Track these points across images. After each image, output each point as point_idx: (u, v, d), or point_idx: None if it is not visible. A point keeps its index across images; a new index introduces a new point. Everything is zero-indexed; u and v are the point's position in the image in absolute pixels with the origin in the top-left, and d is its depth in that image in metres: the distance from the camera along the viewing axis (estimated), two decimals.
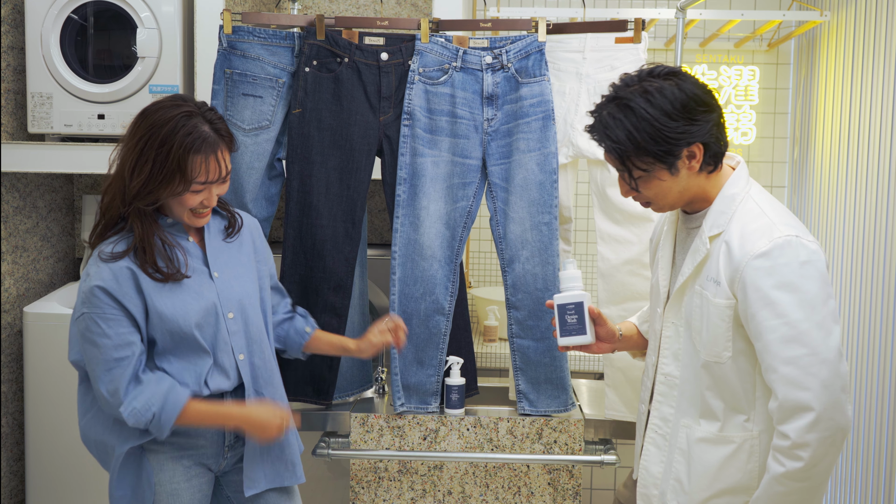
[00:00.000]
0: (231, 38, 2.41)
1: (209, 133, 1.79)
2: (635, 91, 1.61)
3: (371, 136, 2.45)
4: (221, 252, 1.93)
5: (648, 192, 1.67)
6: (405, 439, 2.44)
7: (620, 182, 1.70)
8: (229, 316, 1.88)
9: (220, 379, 1.87)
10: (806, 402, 1.50)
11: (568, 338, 1.82)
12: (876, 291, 2.74)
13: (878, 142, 2.77)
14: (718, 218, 1.64)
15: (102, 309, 1.76)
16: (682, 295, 1.71)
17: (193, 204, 1.82)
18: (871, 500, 2.72)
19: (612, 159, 1.66)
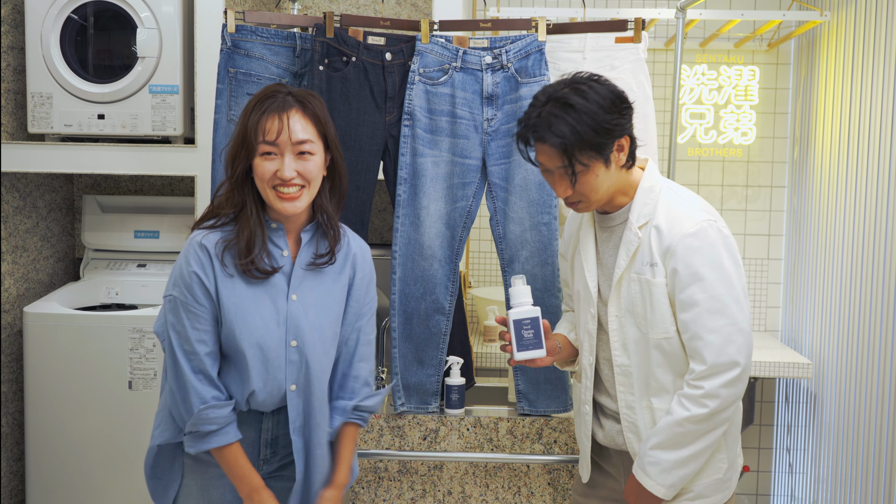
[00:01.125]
0: (234, 37, 2.41)
1: (288, 99, 1.75)
2: (569, 91, 1.74)
3: (378, 136, 2.45)
4: (311, 275, 1.81)
5: (584, 188, 1.76)
6: (405, 439, 2.44)
7: (558, 181, 1.77)
8: (292, 344, 1.78)
9: (262, 404, 1.79)
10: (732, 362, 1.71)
11: (525, 352, 1.86)
12: (876, 291, 2.74)
13: (878, 142, 2.77)
14: (643, 209, 1.80)
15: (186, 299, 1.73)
16: (620, 287, 1.82)
17: (266, 175, 1.72)
18: (871, 500, 2.72)
19: (553, 155, 1.73)
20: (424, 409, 2.47)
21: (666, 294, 1.76)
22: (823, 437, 3.19)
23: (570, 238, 2.02)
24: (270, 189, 1.74)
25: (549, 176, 1.80)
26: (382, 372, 2.66)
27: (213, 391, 1.74)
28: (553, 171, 1.77)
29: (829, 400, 3.13)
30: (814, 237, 3.34)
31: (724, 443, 1.84)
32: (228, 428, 1.75)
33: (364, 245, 1.93)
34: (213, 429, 1.73)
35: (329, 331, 1.83)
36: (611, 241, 1.87)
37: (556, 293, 2.43)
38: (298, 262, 1.80)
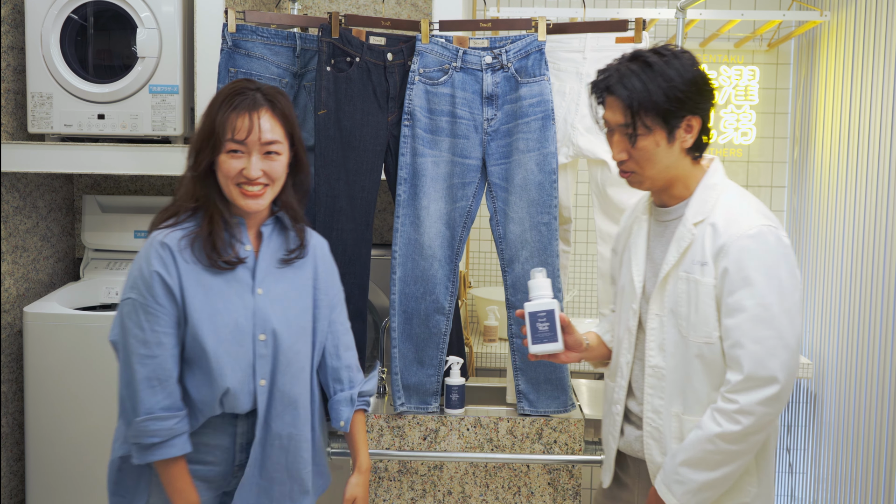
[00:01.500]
0: (235, 36, 2.40)
1: (256, 96, 1.74)
2: (653, 53, 1.69)
3: (381, 137, 2.45)
4: (275, 270, 1.81)
5: (640, 156, 1.69)
6: (405, 439, 2.44)
7: (616, 142, 1.71)
8: (260, 338, 1.77)
9: (236, 403, 1.76)
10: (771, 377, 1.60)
11: (539, 345, 1.82)
12: (876, 291, 2.74)
13: (878, 142, 2.77)
14: (702, 206, 1.71)
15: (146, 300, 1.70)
16: (666, 284, 1.74)
17: (232, 172, 1.72)
18: (871, 500, 2.72)
19: (618, 110, 1.68)
20: (424, 409, 2.46)
21: (713, 296, 1.66)
22: (823, 437, 3.19)
23: (624, 230, 1.93)
24: (234, 186, 1.74)
25: (609, 137, 1.73)
26: (383, 372, 2.66)
27: (164, 400, 1.70)
28: (615, 129, 1.70)
29: (829, 400, 3.14)
30: (814, 237, 3.34)
31: (755, 465, 1.73)
32: (175, 441, 1.71)
33: (322, 239, 1.95)
34: (155, 441, 1.70)
35: (296, 324, 1.82)
36: (664, 235, 1.78)
37: (556, 293, 2.43)
38: (262, 256, 1.80)
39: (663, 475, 1.70)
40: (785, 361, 1.60)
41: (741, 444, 1.64)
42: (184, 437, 1.73)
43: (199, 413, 1.76)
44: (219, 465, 1.82)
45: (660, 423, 1.75)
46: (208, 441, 1.80)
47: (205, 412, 1.76)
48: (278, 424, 1.81)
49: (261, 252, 1.81)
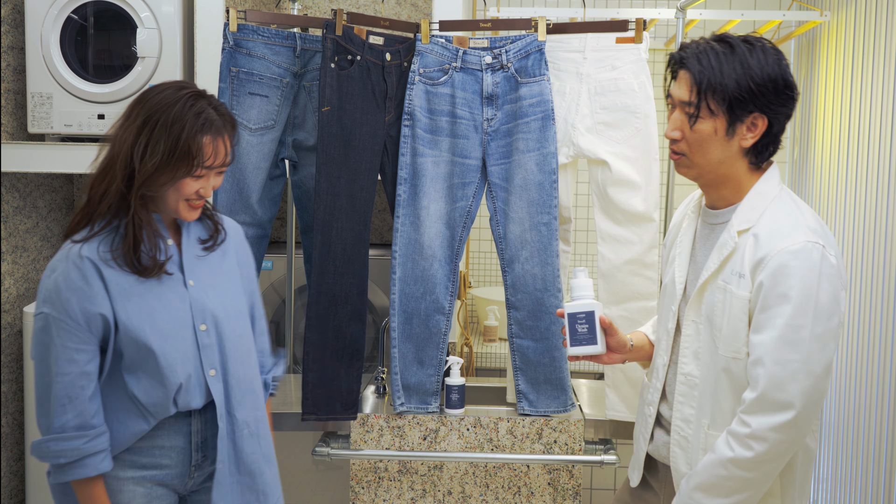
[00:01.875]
0: (237, 35, 2.40)
1: (215, 116, 1.72)
2: (742, 41, 1.61)
3: (378, 136, 2.45)
4: (200, 259, 1.80)
5: (695, 138, 1.61)
6: (405, 439, 2.44)
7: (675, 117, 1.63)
8: (201, 328, 1.75)
9: (189, 397, 1.74)
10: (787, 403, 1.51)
11: (578, 347, 1.75)
12: (876, 291, 2.74)
13: (878, 142, 2.77)
14: (749, 213, 1.62)
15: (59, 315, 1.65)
16: (704, 291, 1.66)
17: (189, 192, 1.71)
18: (871, 500, 2.72)
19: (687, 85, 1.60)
20: (424, 409, 2.46)
21: (746, 311, 1.57)
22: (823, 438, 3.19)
23: (675, 226, 1.86)
24: (184, 201, 1.73)
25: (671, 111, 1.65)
26: (382, 372, 2.66)
27: (73, 420, 1.65)
28: (678, 105, 1.62)
29: (829, 400, 3.13)
30: None
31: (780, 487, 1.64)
32: (87, 461, 1.66)
33: (237, 225, 1.95)
34: (62, 462, 1.65)
35: (233, 309, 1.82)
36: (709, 239, 1.71)
37: (556, 293, 2.43)
38: (185, 248, 1.79)
39: (678, 499, 1.64)
40: (806, 388, 1.51)
41: (754, 472, 1.55)
42: (98, 456, 1.67)
43: (151, 416, 1.72)
44: (175, 467, 1.78)
45: (689, 432, 1.68)
46: (162, 443, 1.76)
47: (158, 414, 1.72)
48: (242, 412, 1.80)
49: (183, 244, 1.79)
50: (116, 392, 1.72)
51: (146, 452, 1.75)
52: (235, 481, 1.80)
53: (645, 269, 2.52)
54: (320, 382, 2.42)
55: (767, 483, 1.58)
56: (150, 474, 1.75)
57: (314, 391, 2.42)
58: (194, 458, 1.80)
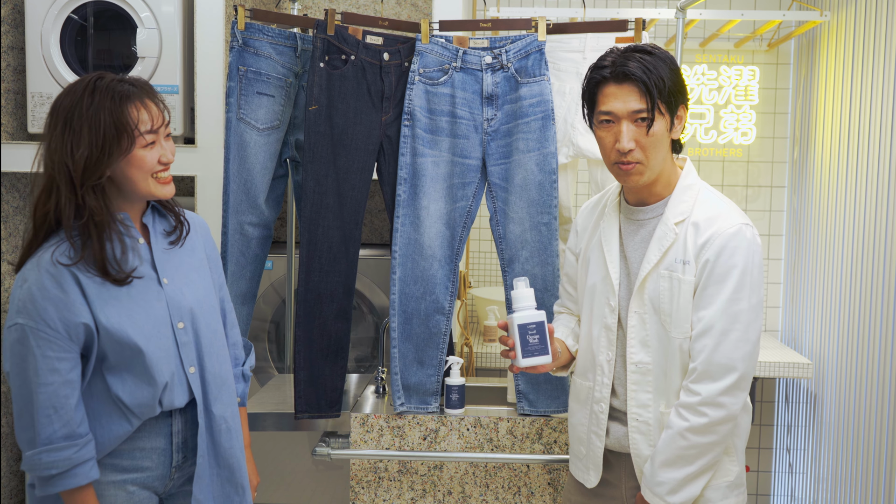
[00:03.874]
0: (244, 34, 2.41)
1: (126, 86, 1.66)
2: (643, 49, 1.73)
3: (374, 136, 2.45)
4: (171, 256, 1.79)
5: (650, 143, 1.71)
6: (405, 439, 2.44)
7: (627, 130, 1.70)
8: (179, 326, 1.74)
9: (172, 395, 1.73)
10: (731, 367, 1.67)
11: (531, 359, 1.76)
12: (876, 291, 2.74)
13: (878, 142, 2.77)
14: (682, 205, 1.76)
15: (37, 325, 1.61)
16: (646, 282, 1.76)
17: (151, 163, 1.67)
18: (871, 500, 2.72)
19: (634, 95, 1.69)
20: (424, 409, 2.47)
21: (692, 293, 1.71)
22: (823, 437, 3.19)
23: (585, 231, 1.95)
24: (152, 178, 1.70)
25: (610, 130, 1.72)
26: (382, 372, 2.66)
27: (61, 430, 1.62)
28: (623, 117, 1.70)
29: (829, 400, 3.14)
30: (814, 237, 3.34)
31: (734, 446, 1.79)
32: (77, 470, 1.63)
33: (202, 219, 1.94)
34: (53, 472, 1.62)
35: (206, 304, 1.82)
36: (638, 234, 1.81)
37: (556, 293, 2.43)
38: (154, 246, 1.76)
39: (646, 480, 1.74)
40: (746, 353, 1.68)
41: (711, 436, 1.69)
42: (87, 465, 1.64)
43: (136, 417, 1.70)
44: (156, 469, 1.77)
45: (647, 416, 1.77)
46: (144, 445, 1.75)
47: (143, 415, 1.71)
48: (218, 407, 1.80)
49: (152, 243, 1.77)
50: (98, 395, 1.69)
51: (127, 455, 1.73)
52: (215, 474, 1.81)
53: None
54: (310, 380, 2.43)
55: (724, 443, 1.71)
56: (132, 477, 1.74)
57: (305, 389, 2.44)
58: (175, 458, 1.79)
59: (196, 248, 1.85)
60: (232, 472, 1.83)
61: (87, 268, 1.64)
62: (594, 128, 1.78)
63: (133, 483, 1.74)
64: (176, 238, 1.81)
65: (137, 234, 1.75)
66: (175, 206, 1.85)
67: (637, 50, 1.73)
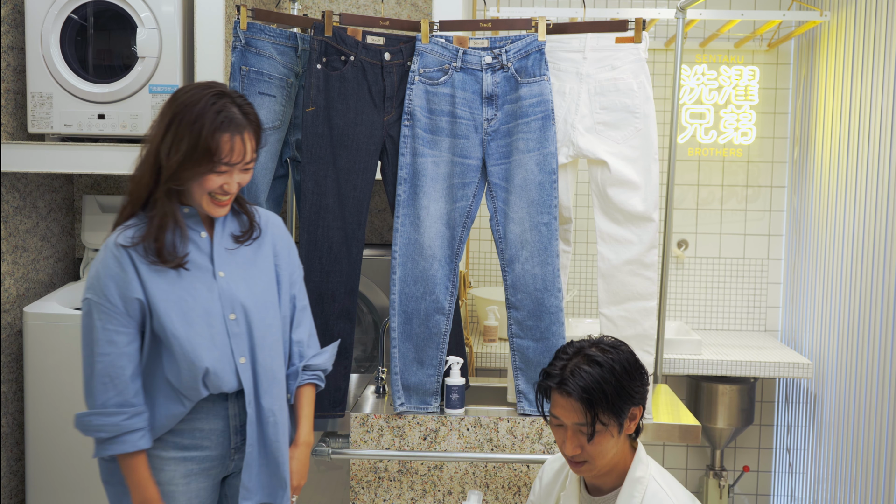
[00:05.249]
0: (247, 34, 2.41)
1: (237, 115, 1.78)
2: (596, 350, 1.75)
3: (376, 136, 2.45)
4: (232, 252, 1.88)
5: (595, 450, 1.73)
6: (405, 439, 2.44)
7: (570, 438, 1.74)
8: (231, 317, 1.83)
9: (220, 381, 1.81)
10: None
11: None
12: (876, 291, 2.74)
13: (878, 142, 2.77)
14: (630, 501, 1.76)
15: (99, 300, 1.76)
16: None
17: (213, 187, 1.78)
18: (871, 500, 2.72)
19: (575, 410, 1.72)
20: (424, 409, 2.47)
21: None
22: (823, 437, 3.19)
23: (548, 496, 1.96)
24: (208, 195, 1.80)
25: (560, 431, 1.76)
26: (382, 372, 2.66)
27: (115, 397, 1.75)
28: (568, 426, 1.74)
29: (829, 400, 3.14)
30: (814, 237, 3.34)
31: None
32: (126, 437, 1.76)
33: (276, 216, 2.01)
34: (103, 436, 1.75)
35: (262, 298, 1.88)
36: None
37: (556, 293, 2.43)
38: (216, 240, 1.86)
39: None
40: None
41: None
42: (136, 434, 1.77)
43: (185, 398, 1.80)
44: (215, 448, 1.87)
45: None
46: (202, 426, 1.85)
47: (190, 396, 1.80)
48: (267, 400, 1.87)
49: (215, 237, 1.87)
50: (156, 375, 1.81)
51: (188, 434, 1.84)
52: (264, 465, 1.88)
53: (644, 269, 2.52)
54: None
55: None
56: (191, 455, 1.85)
57: None
58: (233, 440, 1.88)
59: (263, 246, 1.93)
60: (277, 465, 1.89)
61: (144, 252, 1.77)
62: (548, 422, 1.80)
63: (192, 461, 1.85)
64: (244, 240, 1.90)
65: (201, 227, 1.86)
66: (250, 208, 1.93)
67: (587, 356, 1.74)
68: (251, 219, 1.92)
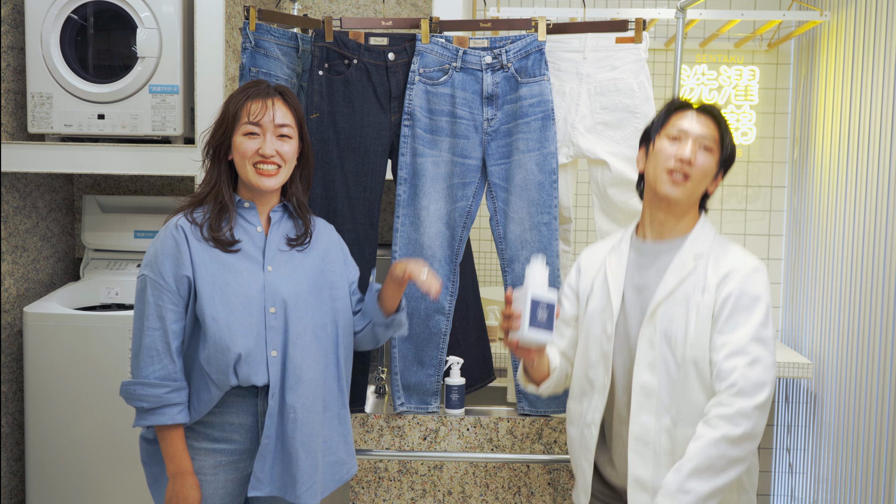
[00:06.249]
0: (256, 35, 2.41)
1: (266, 87, 1.94)
2: None
3: (384, 137, 2.46)
4: (283, 250, 1.96)
5: (704, 165, 1.89)
6: (405, 439, 2.44)
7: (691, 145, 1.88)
8: (271, 310, 1.89)
9: (250, 371, 1.86)
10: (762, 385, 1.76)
11: (536, 331, 1.81)
12: (876, 291, 2.74)
13: (878, 142, 2.77)
14: (701, 242, 1.91)
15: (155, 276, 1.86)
16: (659, 308, 1.86)
17: (249, 152, 1.89)
18: (871, 500, 2.72)
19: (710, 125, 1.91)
20: (424, 409, 2.47)
21: (711, 318, 1.82)
22: (823, 437, 3.19)
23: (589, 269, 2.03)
24: (251, 165, 1.91)
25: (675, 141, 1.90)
26: (382, 372, 2.66)
27: (159, 371, 1.85)
28: (692, 138, 1.89)
29: (829, 400, 3.14)
30: (814, 237, 3.34)
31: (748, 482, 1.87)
32: (166, 409, 1.85)
33: (328, 224, 2.11)
34: (144, 406, 1.84)
35: (304, 299, 1.94)
36: (654, 266, 1.92)
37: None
38: (271, 237, 1.96)
39: (668, 489, 1.75)
40: (771, 378, 1.78)
41: (739, 449, 1.74)
42: (175, 408, 1.86)
43: (215, 387, 1.86)
44: (243, 443, 1.92)
45: (649, 438, 1.83)
46: (232, 420, 1.91)
47: (221, 383, 1.85)
48: (292, 396, 1.90)
49: (270, 234, 1.96)
50: (194, 358, 1.89)
51: (218, 427, 1.90)
52: (278, 459, 1.91)
53: None
54: None
55: (745, 464, 1.77)
56: (221, 447, 1.91)
57: None
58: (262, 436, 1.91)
59: (314, 249, 2.01)
60: (290, 462, 1.91)
61: (200, 232, 1.89)
62: (656, 139, 1.94)
63: (221, 453, 1.91)
64: (297, 244, 1.98)
65: (258, 222, 1.96)
66: (308, 214, 2.04)
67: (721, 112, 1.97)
68: (307, 224, 2.01)
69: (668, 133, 1.91)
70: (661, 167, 1.89)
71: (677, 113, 1.94)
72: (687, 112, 1.93)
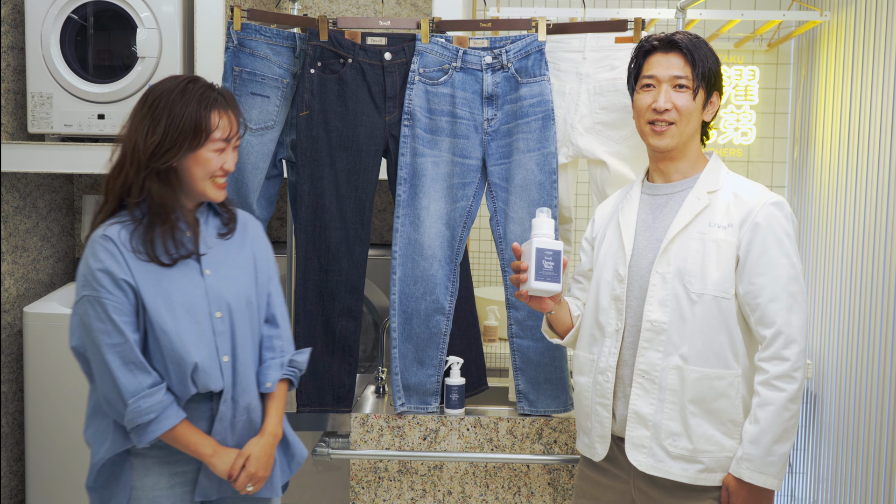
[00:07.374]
0: (240, 35, 2.41)
1: (218, 95, 1.84)
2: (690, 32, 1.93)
3: (377, 137, 2.46)
4: (217, 251, 1.90)
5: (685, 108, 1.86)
6: (405, 439, 2.44)
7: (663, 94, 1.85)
8: (217, 315, 1.84)
9: (206, 377, 1.81)
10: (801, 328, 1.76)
11: (542, 282, 1.81)
12: (876, 291, 2.74)
13: (878, 142, 2.77)
14: (713, 179, 1.89)
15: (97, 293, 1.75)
16: (673, 244, 1.84)
17: (214, 168, 1.82)
18: (871, 500, 2.72)
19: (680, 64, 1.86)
20: (424, 409, 2.47)
21: (735, 256, 1.80)
22: (823, 437, 3.19)
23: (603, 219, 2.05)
24: (209, 179, 1.84)
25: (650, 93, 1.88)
26: (382, 372, 2.66)
27: (146, 379, 1.76)
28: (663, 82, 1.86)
29: (829, 400, 3.14)
30: (814, 237, 3.34)
31: None
32: (168, 412, 1.77)
33: (254, 219, 2.04)
34: (151, 417, 1.75)
35: (244, 298, 1.90)
36: (667, 206, 1.91)
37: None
38: (202, 239, 1.88)
39: (755, 463, 1.75)
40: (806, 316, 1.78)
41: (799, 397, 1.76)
42: (173, 405, 1.79)
43: (176, 396, 1.81)
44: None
45: (655, 374, 1.82)
46: None
47: (181, 393, 1.80)
48: (245, 399, 1.88)
49: (200, 236, 1.89)
50: None
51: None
52: None
53: None
54: (311, 375, 2.44)
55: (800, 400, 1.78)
56: (176, 458, 1.85)
57: (306, 383, 2.46)
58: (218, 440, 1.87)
59: (245, 245, 1.95)
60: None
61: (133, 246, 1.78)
62: (634, 95, 1.93)
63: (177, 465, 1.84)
64: (228, 232, 1.92)
65: (185, 226, 1.86)
66: (230, 205, 1.96)
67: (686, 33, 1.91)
68: (230, 212, 1.95)
69: (641, 83, 1.91)
70: (643, 122, 1.90)
71: (646, 60, 1.91)
72: (653, 56, 1.90)
